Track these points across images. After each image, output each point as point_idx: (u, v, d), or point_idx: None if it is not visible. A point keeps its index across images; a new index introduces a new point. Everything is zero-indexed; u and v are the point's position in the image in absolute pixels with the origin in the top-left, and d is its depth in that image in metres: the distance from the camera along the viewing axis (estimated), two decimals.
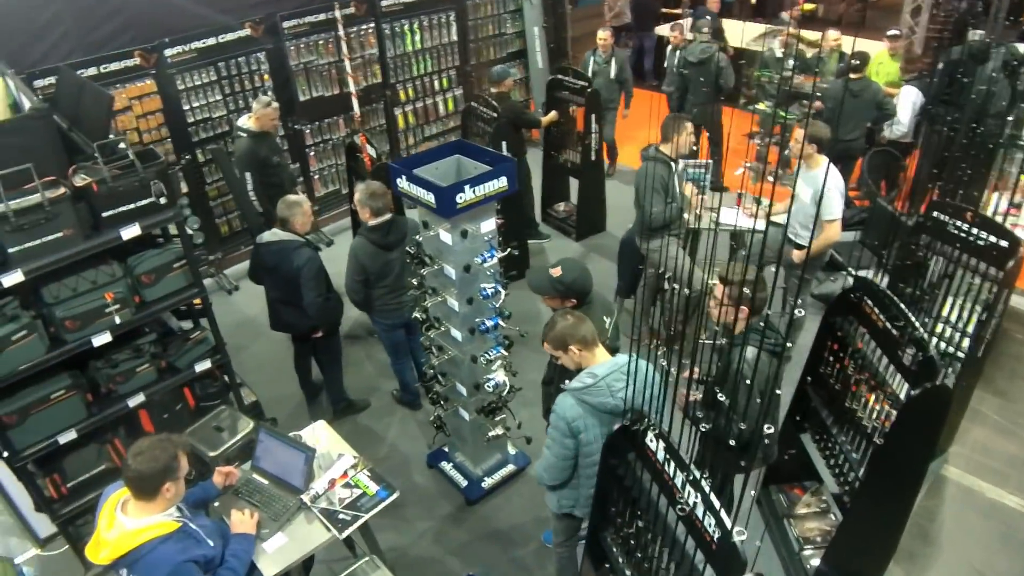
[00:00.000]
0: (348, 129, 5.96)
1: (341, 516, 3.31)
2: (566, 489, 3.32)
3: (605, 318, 3.68)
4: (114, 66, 5.79)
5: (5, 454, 3.75)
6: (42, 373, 3.73)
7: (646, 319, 5.69)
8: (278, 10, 6.58)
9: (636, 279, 5.85)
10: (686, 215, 5.32)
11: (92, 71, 5.64)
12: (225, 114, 6.62)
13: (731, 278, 3.24)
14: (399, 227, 4.64)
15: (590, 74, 6.91)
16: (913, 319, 3.28)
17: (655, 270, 5.47)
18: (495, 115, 6.19)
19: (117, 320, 3.81)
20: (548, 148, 7.44)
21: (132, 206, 3.70)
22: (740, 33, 8.60)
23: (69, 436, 3.90)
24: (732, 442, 2.50)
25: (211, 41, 6.28)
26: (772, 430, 3.36)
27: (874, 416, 3.46)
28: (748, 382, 2.86)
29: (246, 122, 5.81)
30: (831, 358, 3.89)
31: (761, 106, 7.46)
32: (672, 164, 5.16)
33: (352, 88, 6.20)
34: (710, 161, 5.79)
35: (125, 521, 2.83)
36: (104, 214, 3.65)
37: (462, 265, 3.85)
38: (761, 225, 5.40)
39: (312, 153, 7.32)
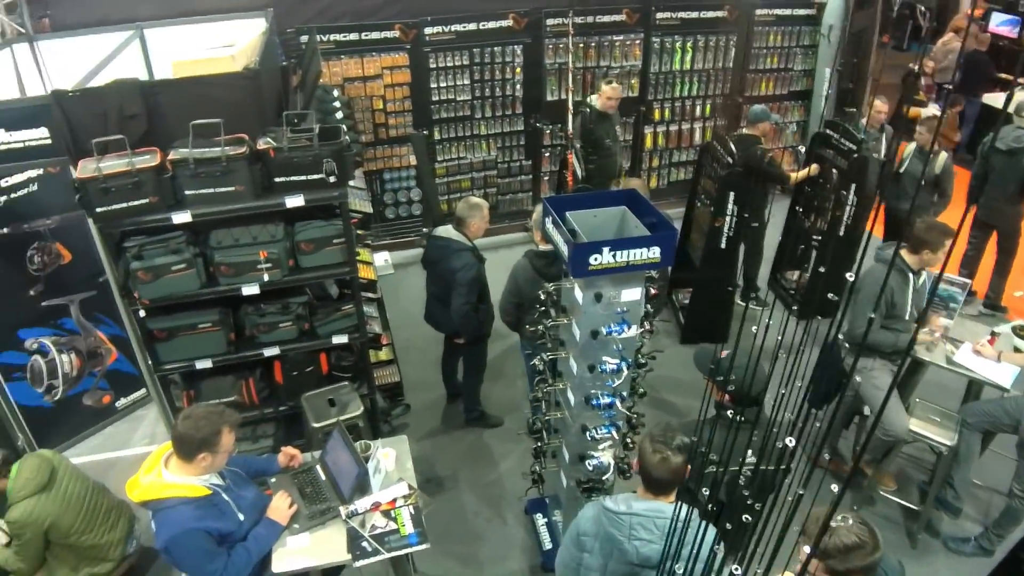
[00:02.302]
0: (562, 142, 5.77)
1: (364, 544, 3.18)
2: None
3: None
4: (375, 35, 6.16)
5: (150, 362, 4.19)
6: (198, 304, 4.08)
7: (831, 443, 4.82)
8: (545, 6, 6.48)
9: (832, 392, 4.95)
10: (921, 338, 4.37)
11: (354, 36, 6.04)
12: (469, 99, 6.76)
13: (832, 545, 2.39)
14: None
15: None
16: None
17: (854, 392, 4.59)
18: (730, 160, 5.55)
19: (266, 277, 4.02)
20: (795, 206, 6.56)
21: (302, 178, 3.85)
22: None
23: (205, 364, 4.23)
24: None
25: (471, 26, 6.41)
26: None
27: None
28: None
29: (594, 100, 6.15)
30: None
31: None
32: (911, 276, 4.24)
33: (569, 102, 5.94)
34: (968, 282, 4.67)
35: (164, 472, 2.98)
36: (276, 179, 3.84)
37: (589, 329, 3.46)
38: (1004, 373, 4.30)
39: (547, 154, 7.23)
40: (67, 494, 3.62)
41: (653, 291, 3.60)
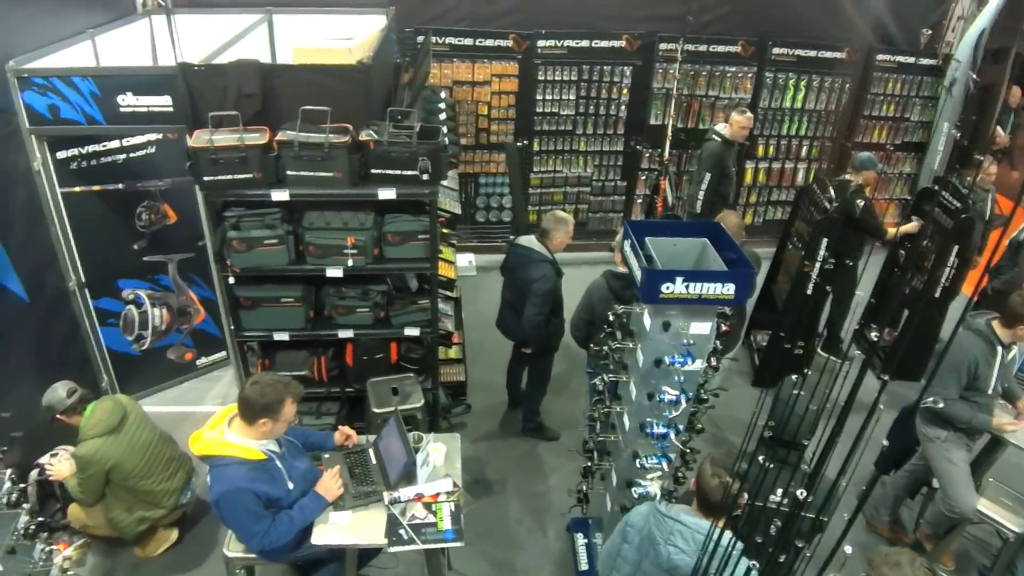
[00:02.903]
0: (657, 168, 5.74)
1: (401, 531, 3.26)
2: None
3: None
4: (488, 43, 6.34)
5: (232, 327, 4.42)
6: (283, 279, 4.28)
7: (885, 507, 4.60)
8: (660, 31, 6.46)
9: (902, 457, 4.73)
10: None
11: (468, 41, 6.22)
12: (572, 114, 6.83)
13: None
14: None
15: None
16: None
17: (924, 463, 4.38)
18: (827, 205, 5.39)
19: (350, 262, 4.18)
20: (891, 262, 6.30)
21: (397, 172, 3.99)
22: None
23: (283, 337, 4.44)
24: None
25: (584, 43, 6.48)
26: None
27: None
28: None
29: (721, 128, 6.14)
30: None
31: None
32: (1000, 349, 4.02)
33: (668, 129, 5.89)
34: None
35: (226, 431, 3.16)
36: (372, 171, 4.00)
37: (653, 357, 3.44)
38: None
39: (643, 177, 7.19)
40: (133, 440, 3.85)
41: (724, 328, 3.55)
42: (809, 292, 5.62)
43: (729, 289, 3.23)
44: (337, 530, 3.30)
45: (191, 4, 5.76)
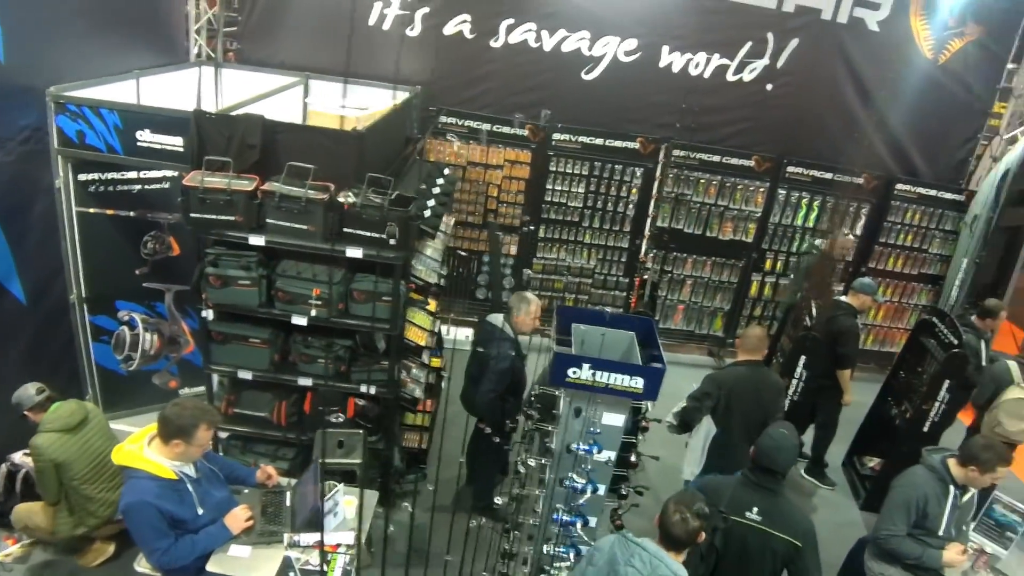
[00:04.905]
0: (638, 268, 5.87)
1: (292, 574, 3.34)
2: None
3: None
4: (505, 129, 6.67)
5: (202, 359, 4.67)
6: (255, 319, 4.49)
7: None
8: (674, 137, 6.67)
9: None
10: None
11: (487, 126, 6.61)
12: (580, 207, 7.06)
13: None
14: None
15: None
16: None
17: None
18: (808, 324, 5.38)
19: (313, 312, 4.37)
20: (886, 391, 6.14)
21: (366, 234, 4.24)
22: None
23: (246, 375, 4.61)
24: None
25: (598, 141, 6.73)
26: None
27: None
28: None
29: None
30: None
31: None
32: (953, 489, 3.90)
33: (647, 230, 6.01)
34: None
35: (145, 446, 3.34)
36: (345, 229, 4.25)
37: (563, 442, 3.51)
38: None
39: (646, 276, 7.28)
40: (86, 444, 4.07)
41: (645, 424, 3.59)
42: (784, 409, 5.54)
43: (637, 383, 3.31)
44: (233, 562, 3.40)
45: (238, 61, 6.32)
